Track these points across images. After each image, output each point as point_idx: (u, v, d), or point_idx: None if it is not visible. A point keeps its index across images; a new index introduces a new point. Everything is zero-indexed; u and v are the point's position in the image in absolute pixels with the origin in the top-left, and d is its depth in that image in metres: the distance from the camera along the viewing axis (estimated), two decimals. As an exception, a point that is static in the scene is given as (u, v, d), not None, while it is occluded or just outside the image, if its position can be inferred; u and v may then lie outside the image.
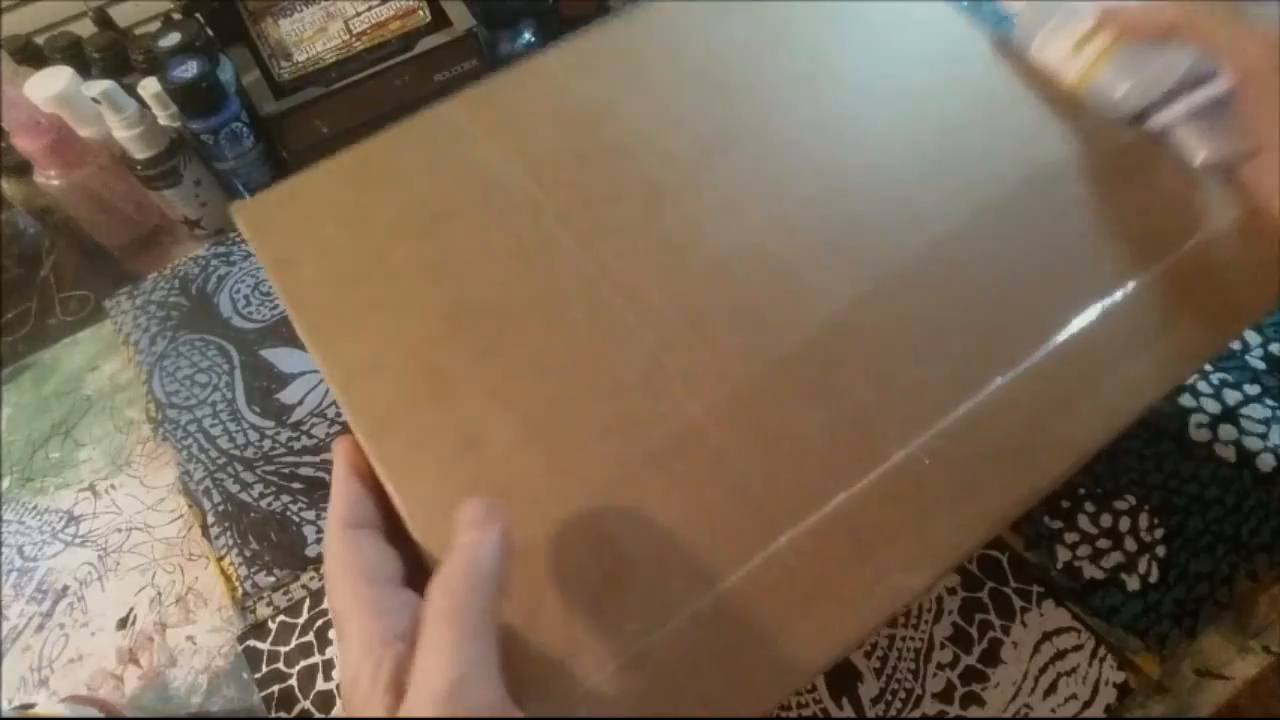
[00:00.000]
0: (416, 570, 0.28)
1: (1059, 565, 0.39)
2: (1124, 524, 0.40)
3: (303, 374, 0.49)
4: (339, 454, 0.31)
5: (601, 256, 0.35)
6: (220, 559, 0.43)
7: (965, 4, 0.50)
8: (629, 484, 0.31)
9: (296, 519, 0.43)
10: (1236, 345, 0.45)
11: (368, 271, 0.36)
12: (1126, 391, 0.32)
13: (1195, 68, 0.36)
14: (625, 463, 0.31)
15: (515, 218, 0.37)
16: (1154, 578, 0.39)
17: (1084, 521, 0.40)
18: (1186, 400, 0.42)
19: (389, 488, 0.31)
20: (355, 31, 0.56)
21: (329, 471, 0.44)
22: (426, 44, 0.57)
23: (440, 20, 0.57)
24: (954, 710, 0.36)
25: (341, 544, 0.28)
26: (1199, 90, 0.36)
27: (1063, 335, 0.33)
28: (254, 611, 0.41)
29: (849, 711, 0.36)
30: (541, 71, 0.42)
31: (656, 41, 0.42)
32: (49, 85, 0.50)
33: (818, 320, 0.34)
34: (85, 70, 0.55)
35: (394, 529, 0.30)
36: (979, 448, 0.31)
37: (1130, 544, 0.39)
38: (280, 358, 0.50)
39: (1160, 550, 0.39)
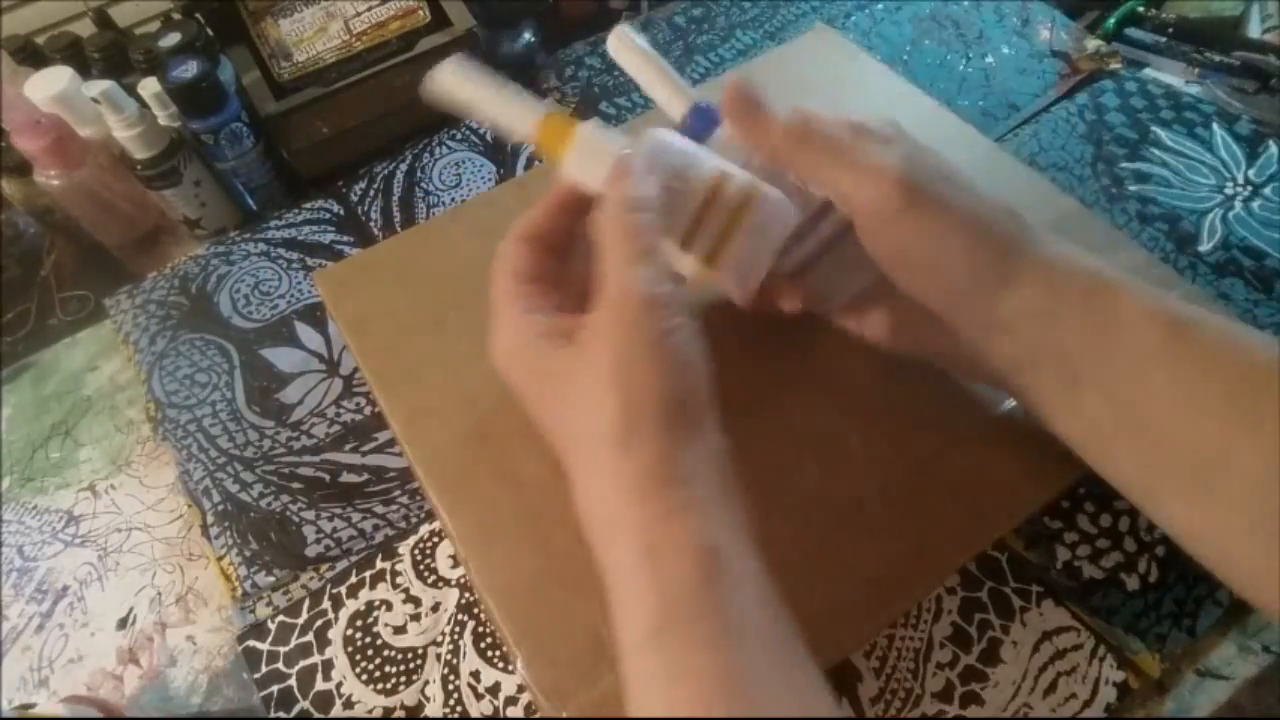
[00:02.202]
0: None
1: (1059, 565, 0.39)
2: (1124, 524, 0.40)
3: (302, 374, 0.49)
4: (558, 190, 0.33)
5: None
6: (220, 559, 0.43)
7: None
8: None
9: (296, 519, 0.43)
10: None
11: (426, 331, 0.41)
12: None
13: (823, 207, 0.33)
14: None
15: None
16: (1154, 578, 0.39)
17: (1083, 521, 0.40)
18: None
19: (441, 512, 0.36)
20: (355, 31, 0.56)
21: (329, 472, 0.45)
22: (426, 44, 0.57)
23: (440, 20, 0.57)
24: (953, 710, 0.36)
25: (511, 246, 0.32)
26: (820, 228, 0.33)
27: None
28: (254, 611, 0.41)
29: (848, 711, 0.36)
30: None
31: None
32: (49, 85, 0.50)
33: None
34: (85, 70, 0.55)
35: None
36: None
37: (1130, 544, 0.40)
38: (280, 357, 0.50)
39: (1160, 550, 0.39)
